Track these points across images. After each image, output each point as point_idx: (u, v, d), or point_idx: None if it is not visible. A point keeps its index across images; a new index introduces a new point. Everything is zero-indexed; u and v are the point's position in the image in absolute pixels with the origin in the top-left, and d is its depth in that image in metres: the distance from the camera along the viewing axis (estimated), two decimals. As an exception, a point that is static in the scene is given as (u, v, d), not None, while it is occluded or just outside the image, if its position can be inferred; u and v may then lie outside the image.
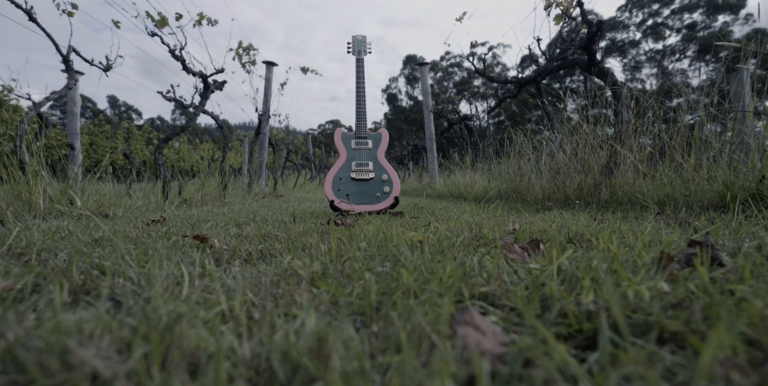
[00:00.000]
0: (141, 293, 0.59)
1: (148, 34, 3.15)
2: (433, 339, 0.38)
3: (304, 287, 0.62)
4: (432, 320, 0.42)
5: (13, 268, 0.72)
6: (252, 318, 0.49)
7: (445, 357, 0.32)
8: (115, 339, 0.37)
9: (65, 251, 0.91)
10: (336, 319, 0.47)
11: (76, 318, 0.42)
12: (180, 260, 0.78)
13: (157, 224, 1.75)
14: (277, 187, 8.28)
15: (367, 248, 0.88)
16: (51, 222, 1.68)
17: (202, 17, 4.15)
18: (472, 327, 0.40)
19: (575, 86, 33.51)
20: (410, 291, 0.55)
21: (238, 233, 1.36)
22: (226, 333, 0.40)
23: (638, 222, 1.32)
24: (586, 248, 0.85)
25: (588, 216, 1.58)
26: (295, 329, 0.41)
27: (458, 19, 6.21)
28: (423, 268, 0.64)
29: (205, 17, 4.19)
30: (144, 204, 3.00)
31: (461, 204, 3.35)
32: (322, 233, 1.39)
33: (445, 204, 3.42)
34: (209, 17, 4.22)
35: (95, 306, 0.50)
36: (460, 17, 6.15)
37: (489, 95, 39.27)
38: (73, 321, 0.40)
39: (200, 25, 4.07)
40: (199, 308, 0.46)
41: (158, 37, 3.27)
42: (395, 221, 1.81)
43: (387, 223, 1.57)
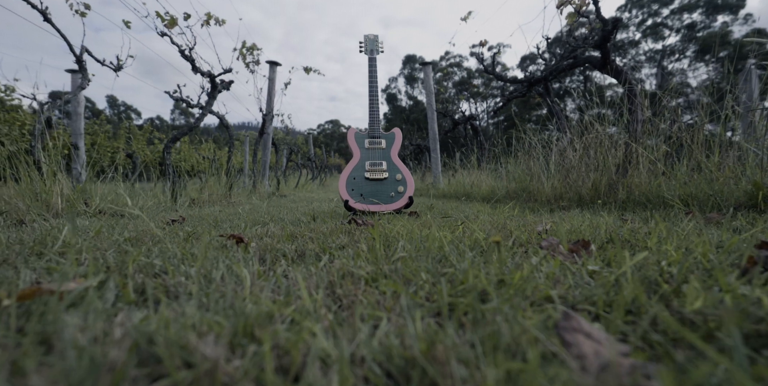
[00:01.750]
0: (205, 291, 0.58)
1: (157, 34, 3.14)
2: (549, 347, 0.37)
3: (364, 288, 0.61)
4: (535, 325, 0.41)
5: (72, 267, 0.71)
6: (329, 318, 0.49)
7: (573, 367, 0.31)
8: (221, 336, 0.37)
9: (111, 250, 0.90)
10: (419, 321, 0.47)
11: (180, 315, 0.41)
12: (228, 260, 0.78)
13: (177, 223, 1.75)
14: (279, 187, 8.28)
15: (410, 249, 0.88)
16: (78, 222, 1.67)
17: (209, 17, 4.14)
18: (582, 335, 0.38)
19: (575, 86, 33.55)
20: (482, 294, 0.54)
21: (264, 233, 1.36)
22: (320, 334, 0.39)
23: (670, 223, 1.31)
24: (635, 250, 0.84)
25: (612, 216, 1.58)
26: (396, 331, 0.41)
27: (463, 19, 6.21)
28: (483, 269, 0.63)
29: (213, 17, 4.19)
30: (154, 204, 3.00)
31: (471, 204, 3.35)
32: (348, 233, 1.39)
33: (455, 204, 3.41)
34: (217, 17, 4.21)
35: (176, 304, 0.49)
36: (466, 17, 6.15)
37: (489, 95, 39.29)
38: (183, 318, 0.40)
39: (208, 25, 4.06)
40: (282, 307, 0.46)
41: (168, 37, 3.27)
42: (420, 220, 1.81)
43: (414, 223, 1.57)
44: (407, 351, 0.35)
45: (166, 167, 3.85)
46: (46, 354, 0.38)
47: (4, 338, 0.40)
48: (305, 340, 0.38)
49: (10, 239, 1.06)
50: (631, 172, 2.16)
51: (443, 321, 0.48)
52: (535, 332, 0.38)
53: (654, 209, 1.79)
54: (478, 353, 0.35)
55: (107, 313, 0.47)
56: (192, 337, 0.33)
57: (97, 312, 0.42)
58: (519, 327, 0.38)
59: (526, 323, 0.40)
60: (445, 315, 0.48)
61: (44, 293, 0.53)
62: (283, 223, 1.77)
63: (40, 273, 0.69)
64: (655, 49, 34.07)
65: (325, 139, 64.12)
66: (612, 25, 2.27)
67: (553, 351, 0.37)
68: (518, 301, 0.49)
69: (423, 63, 7.73)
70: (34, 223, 1.47)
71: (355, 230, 1.49)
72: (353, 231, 1.44)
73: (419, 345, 0.35)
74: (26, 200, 1.73)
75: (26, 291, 0.52)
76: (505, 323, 0.39)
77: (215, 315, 0.42)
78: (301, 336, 0.38)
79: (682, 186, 1.75)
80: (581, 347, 0.36)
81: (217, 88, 4.12)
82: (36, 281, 0.63)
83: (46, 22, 2.27)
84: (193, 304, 0.45)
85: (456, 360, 0.33)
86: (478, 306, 0.45)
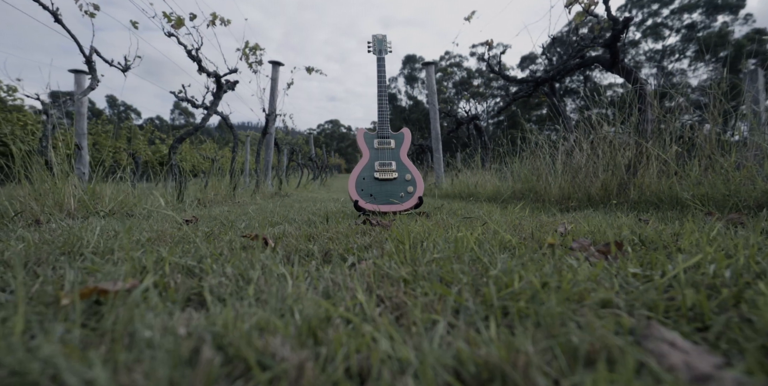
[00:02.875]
0: (241, 292, 0.58)
1: (164, 35, 3.14)
2: (636, 357, 0.35)
3: (405, 289, 0.61)
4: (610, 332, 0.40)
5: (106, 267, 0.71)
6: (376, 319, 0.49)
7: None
8: (288, 337, 0.36)
9: (140, 250, 0.90)
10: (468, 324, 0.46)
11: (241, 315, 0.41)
12: (263, 260, 0.78)
13: (191, 224, 1.74)
14: (282, 187, 8.28)
15: (439, 250, 0.88)
16: (93, 221, 1.67)
17: (215, 17, 4.14)
18: (666, 344, 0.36)
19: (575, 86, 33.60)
20: (533, 297, 0.54)
21: (281, 234, 1.36)
22: (380, 338, 0.39)
23: (693, 223, 1.29)
24: (668, 252, 0.83)
25: (630, 217, 1.58)
26: (464, 336, 0.40)
27: (467, 19, 6.21)
28: (523, 272, 0.62)
29: (218, 17, 4.18)
30: (160, 205, 2.99)
31: (479, 204, 3.35)
32: (365, 233, 1.39)
33: (462, 204, 3.41)
34: (222, 17, 4.21)
35: (228, 304, 0.49)
36: (469, 16, 6.14)
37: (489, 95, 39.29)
38: (249, 318, 0.39)
39: (213, 25, 4.06)
40: (336, 309, 0.46)
41: (175, 37, 3.26)
42: (433, 220, 1.81)
43: (429, 223, 1.57)
44: (480, 356, 0.34)
45: (171, 168, 3.85)
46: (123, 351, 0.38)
47: (86, 336, 0.40)
48: (369, 344, 0.38)
49: (34, 239, 1.06)
50: (642, 172, 2.16)
51: (489, 324, 0.47)
52: (617, 340, 0.37)
53: (667, 209, 1.79)
54: (561, 362, 0.34)
55: (165, 312, 0.47)
56: (269, 338, 0.33)
57: (156, 311, 0.42)
58: (595, 334, 0.37)
59: (602, 330, 0.39)
60: (498, 320, 0.47)
61: (101, 292, 0.53)
62: (297, 223, 1.77)
63: (78, 273, 0.69)
64: (655, 49, 34.10)
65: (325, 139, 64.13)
66: (623, 24, 2.27)
67: (641, 361, 0.35)
68: (572, 306, 0.49)
69: (425, 63, 7.73)
70: (51, 223, 1.47)
71: (370, 230, 1.49)
72: (369, 232, 1.44)
73: (498, 352, 0.34)
74: (40, 200, 1.72)
75: (85, 291, 0.53)
76: (578, 329, 0.38)
77: (273, 316, 0.42)
78: (365, 340, 0.37)
79: (695, 186, 1.75)
80: (669, 357, 0.34)
81: (223, 88, 4.11)
82: (80, 281, 0.63)
83: (57, 23, 2.26)
84: (246, 304, 0.45)
85: (539, 368, 0.33)
86: (544, 311, 0.44)
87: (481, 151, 5.86)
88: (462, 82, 42.12)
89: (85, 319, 0.47)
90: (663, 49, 33.29)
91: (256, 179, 6.41)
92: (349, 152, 70.17)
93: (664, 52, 33.40)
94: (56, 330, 0.40)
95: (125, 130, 13.30)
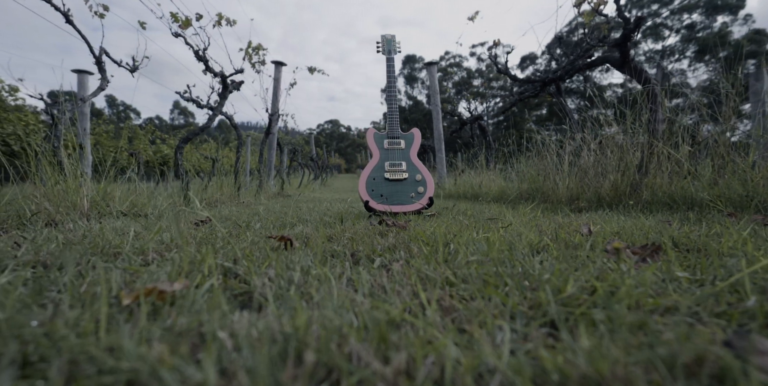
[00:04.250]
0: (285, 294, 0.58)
1: (172, 35, 3.14)
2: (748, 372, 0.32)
3: (451, 293, 0.61)
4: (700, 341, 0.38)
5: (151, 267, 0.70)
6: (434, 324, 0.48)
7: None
8: (359, 341, 0.36)
9: (174, 251, 0.90)
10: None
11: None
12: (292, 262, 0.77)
13: (206, 224, 1.74)
14: (284, 187, 8.28)
15: (471, 251, 0.87)
16: (110, 222, 1.66)
17: (221, 18, 4.13)
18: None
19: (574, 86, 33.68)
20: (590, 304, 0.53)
21: (301, 235, 1.35)
22: (449, 344, 0.38)
23: (724, 225, 1.28)
24: (708, 255, 0.81)
25: (650, 218, 1.57)
26: (541, 343, 0.40)
27: (470, 19, 6.21)
28: (570, 275, 0.62)
29: (224, 17, 4.18)
30: (170, 205, 2.98)
31: (487, 205, 3.35)
32: (383, 234, 1.38)
33: (469, 204, 3.41)
34: (228, 17, 4.20)
35: (287, 305, 0.48)
36: (473, 16, 6.15)
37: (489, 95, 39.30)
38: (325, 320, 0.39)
39: (219, 25, 4.05)
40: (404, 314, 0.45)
41: (182, 37, 3.26)
42: (448, 221, 1.81)
43: (447, 224, 1.57)
44: (567, 366, 0.33)
45: (177, 168, 3.84)
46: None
47: (163, 335, 0.40)
48: (441, 350, 0.37)
49: (61, 240, 1.05)
50: (654, 172, 2.15)
51: (560, 332, 0.46)
52: (720, 352, 0.34)
53: (681, 210, 1.79)
54: (662, 373, 0.32)
55: (221, 313, 0.46)
56: (345, 341, 0.33)
57: (216, 312, 0.42)
58: (692, 345, 0.35)
59: (698, 339, 0.37)
60: (562, 327, 0.46)
61: (158, 292, 0.53)
62: (312, 224, 1.77)
63: (119, 273, 0.68)
64: (654, 50, 34.14)
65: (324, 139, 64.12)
66: (635, 24, 2.27)
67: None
68: (638, 312, 0.48)
69: (428, 63, 7.73)
70: (69, 224, 1.46)
71: (388, 231, 1.48)
72: (387, 233, 1.44)
73: (598, 364, 0.32)
74: (54, 200, 1.72)
75: (145, 291, 0.53)
76: (675, 340, 0.36)
77: (340, 319, 0.42)
78: (436, 345, 0.37)
79: (710, 187, 1.75)
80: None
81: (228, 88, 4.11)
82: (126, 282, 0.63)
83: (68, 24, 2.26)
84: (301, 307, 0.45)
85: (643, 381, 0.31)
86: (618, 318, 0.43)
87: (486, 151, 5.86)
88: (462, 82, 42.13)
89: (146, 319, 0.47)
90: (663, 49, 33.34)
91: (259, 180, 6.41)
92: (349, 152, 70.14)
93: (664, 52, 33.46)
94: (153, 331, 0.40)
95: (126, 130, 13.28)
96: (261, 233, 1.41)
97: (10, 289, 0.56)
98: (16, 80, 3.51)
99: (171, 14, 3.16)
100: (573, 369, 0.33)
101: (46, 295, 0.59)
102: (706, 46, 27.11)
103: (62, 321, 0.44)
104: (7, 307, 0.47)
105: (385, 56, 2.80)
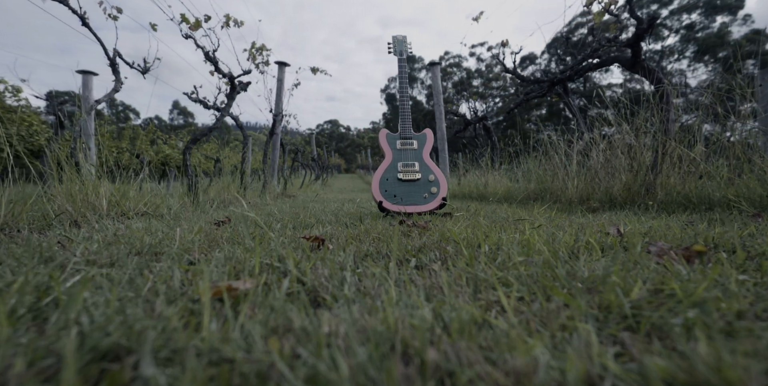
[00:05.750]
0: (348, 294, 0.58)
1: (182, 37, 3.14)
2: None
3: (509, 295, 0.61)
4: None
5: (209, 266, 0.71)
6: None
7: None
8: (451, 341, 0.37)
9: (218, 250, 0.90)
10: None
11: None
12: (343, 262, 0.78)
13: (225, 225, 1.74)
14: (287, 187, 8.28)
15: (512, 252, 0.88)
16: (135, 222, 1.67)
17: (228, 19, 4.14)
18: None
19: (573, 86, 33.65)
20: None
21: (326, 235, 1.36)
22: (541, 347, 0.39)
23: (753, 226, 1.27)
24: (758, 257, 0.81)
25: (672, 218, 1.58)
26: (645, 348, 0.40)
27: (475, 19, 6.23)
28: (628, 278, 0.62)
29: (232, 18, 4.19)
30: (182, 205, 2.99)
31: (494, 205, 3.36)
32: (405, 235, 1.39)
33: (476, 205, 3.42)
34: (235, 18, 4.21)
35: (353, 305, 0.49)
36: (477, 17, 6.16)
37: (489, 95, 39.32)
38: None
39: (228, 26, 4.06)
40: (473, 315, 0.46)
41: (192, 39, 3.26)
42: (468, 221, 1.81)
43: (468, 224, 1.57)
44: (684, 374, 0.33)
45: (186, 168, 3.84)
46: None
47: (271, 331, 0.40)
48: (532, 353, 0.37)
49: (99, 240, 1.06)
50: (668, 172, 2.17)
51: (637, 337, 0.45)
52: None
53: (698, 210, 1.80)
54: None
55: (303, 310, 0.47)
56: (440, 341, 0.34)
57: (299, 309, 0.43)
58: None
59: None
60: (641, 332, 0.46)
61: (230, 290, 0.54)
62: (332, 224, 1.77)
63: (181, 272, 0.69)
64: (654, 50, 34.20)
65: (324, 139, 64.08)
66: (648, 23, 2.28)
67: None
68: (715, 318, 0.47)
69: (431, 63, 7.74)
70: (95, 224, 1.47)
71: (410, 231, 1.49)
72: (410, 233, 1.44)
73: (727, 373, 0.31)
74: (74, 201, 1.72)
75: (219, 289, 0.54)
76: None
77: (425, 317, 0.42)
78: (527, 348, 0.37)
79: (726, 186, 1.76)
80: None
81: (236, 89, 4.11)
82: (188, 279, 0.64)
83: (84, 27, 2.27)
84: (369, 305, 0.45)
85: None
86: (712, 324, 0.43)
87: (490, 151, 5.87)
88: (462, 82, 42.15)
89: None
90: (662, 49, 33.41)
91: (263, 180, 6.41)
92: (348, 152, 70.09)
93: (663, 52, 33.52)
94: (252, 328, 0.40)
95: (128, 130, 13.28)
96: (285, 233, 1.42)
97: (91, 287, 0.57)
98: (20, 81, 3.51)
99: (181, 16, 3.17)
100: (690, 376, 0.32)
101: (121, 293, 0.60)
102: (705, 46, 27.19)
103: (164, 317, 0.45)
104: (111, 303, 0.48)
105: (397, 57, 2.80)
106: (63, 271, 0.69)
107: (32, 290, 0.57)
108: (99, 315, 0.45)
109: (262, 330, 0.41)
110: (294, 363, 0.33)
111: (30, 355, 0.36)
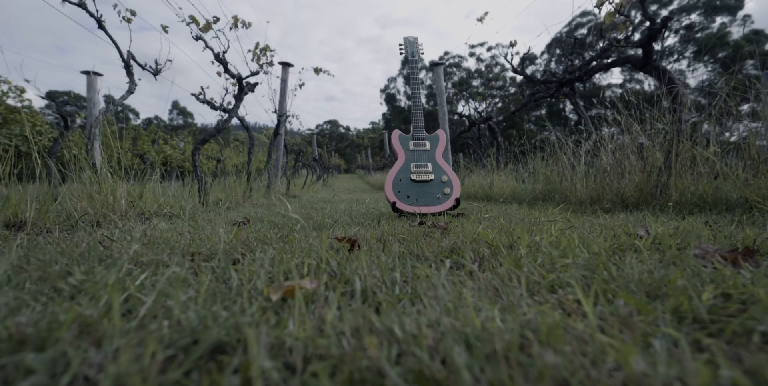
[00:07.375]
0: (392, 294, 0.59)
1: (193, 39, 3.15)
2: None
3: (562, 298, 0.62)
4: None
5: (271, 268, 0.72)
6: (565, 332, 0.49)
7: None
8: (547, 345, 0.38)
9: (259, 250, 0.91)
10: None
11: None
12: (394, 263, 0.79)
13: (247, 225, 1.75)
14: (289, 187, 8.29)
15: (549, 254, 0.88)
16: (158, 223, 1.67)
17: (236, 20, 4.16)
18: None
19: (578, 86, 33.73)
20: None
21: (355, 235, 1.36)
22: (634, 352, 0.39)
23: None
24: None
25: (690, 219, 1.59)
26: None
27: (479, 20, 6.24)
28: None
29: (240, 20, 4.20)
30: (193, 207, 2.99)
31: (503, 206, 3.37)
32: (426, 235, 1.40)
33: (488, 206, 3.43)
34: (243, 19, 4.22)
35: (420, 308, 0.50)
36: (482, 17, 6.18)
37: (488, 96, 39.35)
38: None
39: (236, 28, 4.08)
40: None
41: (202, 40, 3.27)
42: (487, 222, 1.82)
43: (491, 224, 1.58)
44: None
45: (194, 169, 3.85)
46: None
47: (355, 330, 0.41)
48: (623, 360, 0.38)
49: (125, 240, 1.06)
50: (682, 173, 2.18)
51: (720, 344, 0.45)
52: None
53: (715, 211, 1.81)
54: None
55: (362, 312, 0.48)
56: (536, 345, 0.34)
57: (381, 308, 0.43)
58: None
59: None
60: (726, 337, 0.46)
61: (291, 290, 0.55)
62: (350, 225, 1.78)
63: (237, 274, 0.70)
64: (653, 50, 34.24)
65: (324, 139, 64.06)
66: (661, 23, 2.29)
67: None
68: None
69: (434, 64, 7.75)
70: (119, 224, 1.48)
71: (432, 232, 1.50)
72: (432, 234, 1.45)
73: None
74: (93, 203, 1.73)
75: (286, 289, 0.55)
76: None
77: (513, 321, 0.43)
78: (622, 354, 0.38)
79: (744, 187, 1.77)
80: None
81: (244, 90, 4.12)
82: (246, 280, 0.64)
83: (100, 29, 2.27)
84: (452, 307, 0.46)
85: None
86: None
87: (495, 152, 5.88)
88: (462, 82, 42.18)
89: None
90: (662, 49, 33.46)
91: (268, 180, 6.42)
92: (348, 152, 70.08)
93: (663, 52, 33.58)
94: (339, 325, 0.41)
95: (130, 130, 13.27)
96: (308, 233, 1.42)
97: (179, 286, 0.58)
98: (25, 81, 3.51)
99: (191, 18, 3.17)
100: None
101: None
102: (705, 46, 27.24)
103: (249, 314, 0.46)
104: (199, 301, 0.49)
105: (409, 59, 2.82)
106: (119, 271, 0.70)
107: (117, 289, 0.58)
108: (191, 312, 0.46)
109: (350, 329, 0.42)
110: (399, 361, 0.34)
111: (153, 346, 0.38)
